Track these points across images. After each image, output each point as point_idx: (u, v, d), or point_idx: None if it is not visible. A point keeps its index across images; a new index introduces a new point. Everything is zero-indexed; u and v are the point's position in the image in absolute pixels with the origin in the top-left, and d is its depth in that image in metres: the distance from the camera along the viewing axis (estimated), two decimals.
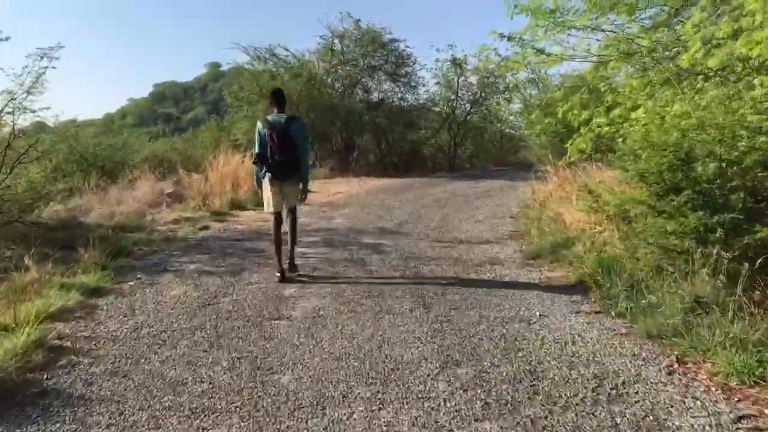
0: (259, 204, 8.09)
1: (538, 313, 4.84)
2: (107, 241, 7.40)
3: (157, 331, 4.63)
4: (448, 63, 22.02)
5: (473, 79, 22.64)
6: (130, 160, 16.58)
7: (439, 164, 22.54)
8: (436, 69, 22.71)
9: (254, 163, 6.24)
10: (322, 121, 19.98)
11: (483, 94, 22.68)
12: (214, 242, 8.15)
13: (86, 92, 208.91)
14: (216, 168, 12.62)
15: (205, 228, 9.21)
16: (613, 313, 4.68)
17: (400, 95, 22.44)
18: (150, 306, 5.28)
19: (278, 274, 6.12)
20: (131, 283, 6.03)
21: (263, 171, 6.17)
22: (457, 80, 22.43)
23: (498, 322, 4.65)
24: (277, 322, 4.79)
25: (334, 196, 13.85)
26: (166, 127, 56.44)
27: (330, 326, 4.64)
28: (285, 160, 6.00)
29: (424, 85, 23.08)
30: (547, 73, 31.86)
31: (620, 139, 6.91)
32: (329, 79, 21.38)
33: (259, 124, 6.15)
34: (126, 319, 4.94)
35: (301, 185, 6.22)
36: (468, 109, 23.01)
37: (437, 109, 23.69)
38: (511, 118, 27.03)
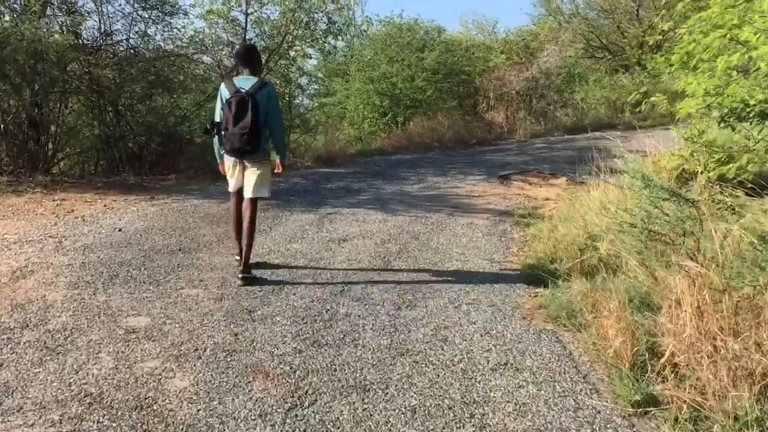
0: None
1: None
2: None
3: None
4: None
5: (272, 12, 13.66)
6: None
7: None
8: None
9: (206, 132, 5.19)
10: None
11: (290, 38, 13.76)
12: None
13: None
14: None
15: None
16: None
17: (143, 30, 12.30)
18: None
19: (237, 257, 5.25)
20: None
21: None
22: (246, 12, 13.20)
23: None
24: None
25: None
26: None
27: None
28: (242, 133, 4.82)
29: (186, 14, 13.10)
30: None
31: None
32: None
33: (222, 87, 5.03)
34: None
35: (277, 159, 5.38)
36: (263, 61, 13.95)
37: (207, 60, 14.16)
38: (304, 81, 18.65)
